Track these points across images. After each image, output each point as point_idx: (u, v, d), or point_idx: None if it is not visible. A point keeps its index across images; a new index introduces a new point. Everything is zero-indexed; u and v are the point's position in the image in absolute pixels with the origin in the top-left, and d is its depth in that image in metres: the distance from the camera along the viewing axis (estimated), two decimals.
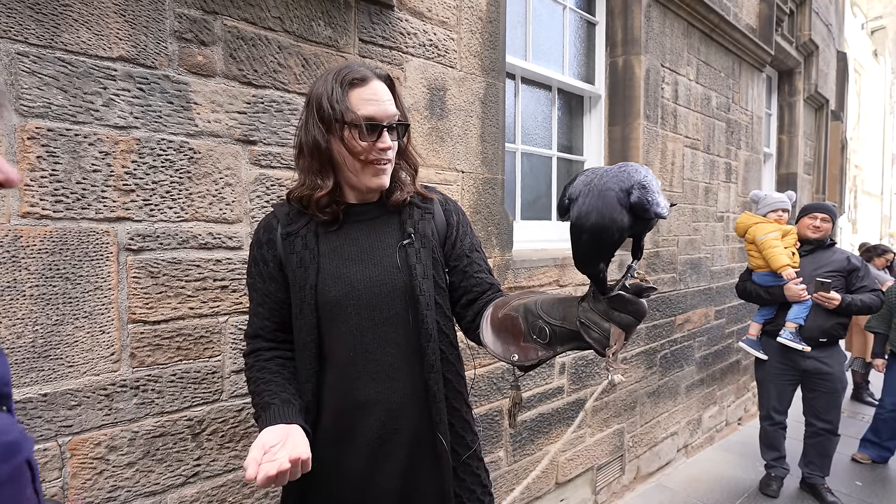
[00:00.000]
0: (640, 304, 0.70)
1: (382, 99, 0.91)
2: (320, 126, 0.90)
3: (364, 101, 0.89)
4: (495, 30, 1.92)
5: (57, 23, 1.02)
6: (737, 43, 3.46)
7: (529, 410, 2.16)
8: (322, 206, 0.94)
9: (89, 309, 1.08)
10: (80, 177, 1.06)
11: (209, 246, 1.24)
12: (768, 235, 2.59)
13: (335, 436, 0.96)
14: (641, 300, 0.70)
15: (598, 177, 0.74)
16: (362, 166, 0.92)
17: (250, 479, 0.74)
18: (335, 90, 0.89)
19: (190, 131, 1.20)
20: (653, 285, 0.71)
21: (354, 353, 0.94)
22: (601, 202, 0.69)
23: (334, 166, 0.94)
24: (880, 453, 3.23)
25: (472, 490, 1.02)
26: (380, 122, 0.90)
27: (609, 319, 0.71)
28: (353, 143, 0.90)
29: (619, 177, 0.72)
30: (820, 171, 5.21)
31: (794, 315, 2.59)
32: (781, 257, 2.55)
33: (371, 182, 0.94)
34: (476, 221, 1.88)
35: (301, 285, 0.94)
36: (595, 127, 2.78)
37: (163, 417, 1.19)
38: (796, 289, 2.55)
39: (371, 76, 0.91)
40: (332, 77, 0.90)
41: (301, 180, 0.96)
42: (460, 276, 1.03)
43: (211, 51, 1.22)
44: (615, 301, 0.71)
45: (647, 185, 0.70)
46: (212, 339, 1.25)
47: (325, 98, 0.89)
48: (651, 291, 0.70)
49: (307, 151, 0.93)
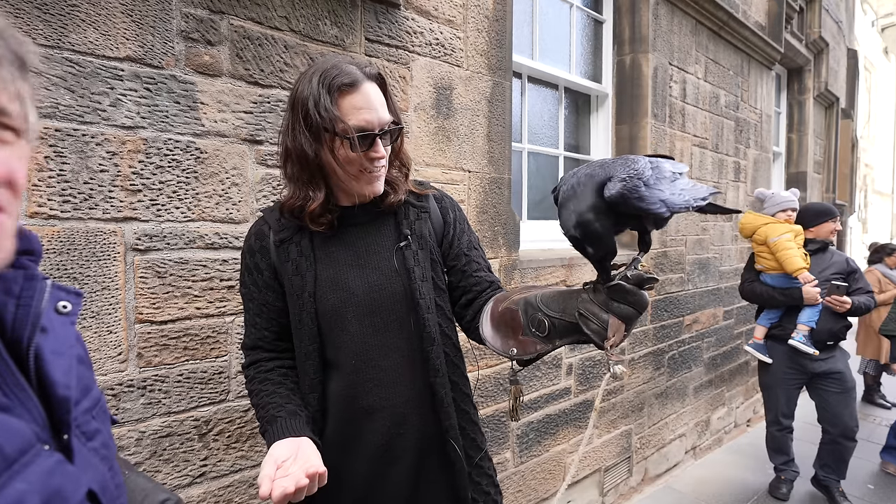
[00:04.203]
0: (641, 294, 0.69)
1: (375, 106, 0.86)
2: (307, 134, 0.84)
3: (356, 110, 0.84)
4: (502, 28, 1.91)
5: (64, 23, 1.02)
6: (745, 41, 3.42)
7: (536, 412, 2.15)
8: (316, 217, 0.90)
9: (96, 309, 1.08)
10: (87, 177, 1.06)
11: (216, 246, 1.24)
12: (782, 237, 2.53)
13: (341, 443, 0.94)
14: (642, 291, 0.69)
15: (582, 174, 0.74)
16: (355, 175, 0.88)
17: (265, 496, 0.72)
18: (322, 97, 0.82)
19: (196, 131, 1.20)
20: (655, 276, 0.69)
21: (357, 360, 0.92)
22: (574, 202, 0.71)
23: (325, 175, 0.89)
24: None
25: (487, 492, 1.00)
26: (372, 130, 0.85)
27: (608, 310, 0.70)
28: (343, 154, 0.85)
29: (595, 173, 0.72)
30: (830, 170, 5.15)
31: (808, 318, 2.54)
32: (797, 259, 2.48)
33: (364, 190, 0.90)
34: (483, 221, 1.87)
35: (298, 293, 0.92)
36: (602, 126, 2.76)
37: (170, 417, 1.18)
38: (814, 291, 2.49)
39: (361, 79, 0.85)
40: (318, 80, 0.84)
41: (291, 191, 0.91)
42: (459, 275, 1.02)
43: (217, 50, 1.22)
44: (614, 291, 0.69)
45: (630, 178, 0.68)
46: (218, 339, 1.25)
47: (312, 104, 0.83)
48: (652, 282, 0.69)
49: (295, 159, 0.87)
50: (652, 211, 0.70)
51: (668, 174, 0.74)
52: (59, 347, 0.46)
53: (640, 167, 0.72)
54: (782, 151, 4.70)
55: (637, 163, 0.73)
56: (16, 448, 0.38)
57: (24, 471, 0.37)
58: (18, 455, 0.38)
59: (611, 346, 0.71)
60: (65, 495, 0.40)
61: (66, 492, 0.40)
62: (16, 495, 0.36)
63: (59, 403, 0.45)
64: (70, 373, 0.47)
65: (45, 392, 0.44)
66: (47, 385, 0.44)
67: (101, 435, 0.50)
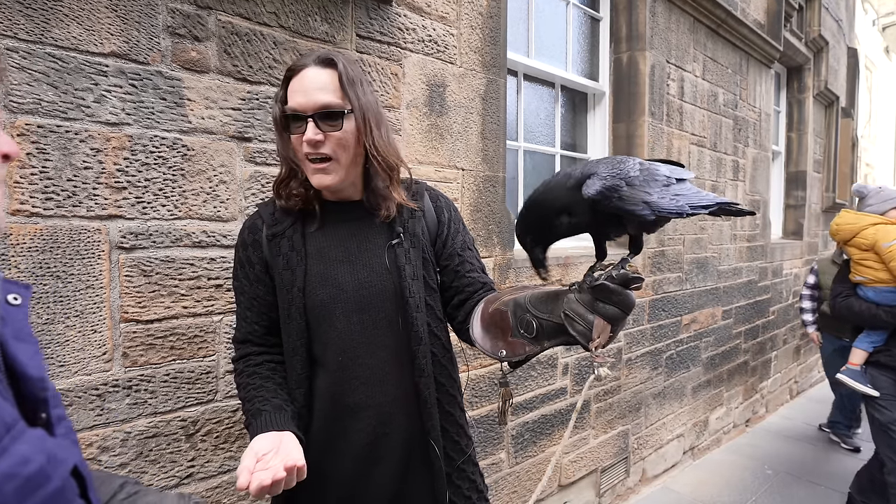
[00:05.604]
0: (626, 294, 0.67)
1: (308, 88, 0.85)
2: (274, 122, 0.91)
3: (292, 93, 0.86)
4: (496, 25, 1.89)
5: (47, 18, 1.01)
6: (744, 39, 3.40)
7: (532, 412, 2.13)
8: (285, 191, 0.93)
9: (80, 308, 1.07)
10: (70, 174, 1.05)
11: (203, 244, 1.22)
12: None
13: (326, 441, 0.94)
14: (627, 291, 0.67)
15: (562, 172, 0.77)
16: (304, 163, 0.90)
17: (242, 488, 0.71)
18: (281, 87, 0.89)
19: (183, 128, 1.18)
20: (640, 275, 0.68)
21: (344, 357, 0.92)
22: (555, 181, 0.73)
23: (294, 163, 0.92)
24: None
25: (468, 496, 0.99)
26: (302, 113, 0.85)
27: (594, 311, 0.68)
28: (287, 140, 0.89)
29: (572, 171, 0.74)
30: (830, 169, 5.13)
31: None
32: None
33: (313, 180, 0.90)
34: (477, 220, 1.85)
35: (288, 288, 0.92)
36: (599, 124, 2.74)
37: (156, 418, 1.17)
38: None
39: (307, 64, 0.86)
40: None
41: None
42: (452, 275, 1.01)
43: (205, 46, 1.20)
44: (599, 291, 0.68)
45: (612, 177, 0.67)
46: (206, 338, 1.24)
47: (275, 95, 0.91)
48: (638, 282, 0.67)
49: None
50: (634, 213, 0.68)
51: (661, 178, 0.73)
52: (19, 335, 0.47)
53: (626, 167, 0.71)
54: (782, 150, 4.68)
55: (624, 163, 0.71)
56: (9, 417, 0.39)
57: (21, 436, 0.38)
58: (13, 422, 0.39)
59: (596, 348, 0.70)
60: (60, 458, 0.41)
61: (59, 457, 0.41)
62: (21, 454, 0.37)
63: (34, 382, 0.45)
64: (36, 356, 0.47)
65: (14, 375, 0.45)
66: (17, 366, 0.45)
67: (66, 422, 0.50)
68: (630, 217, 0.70)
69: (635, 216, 0.69)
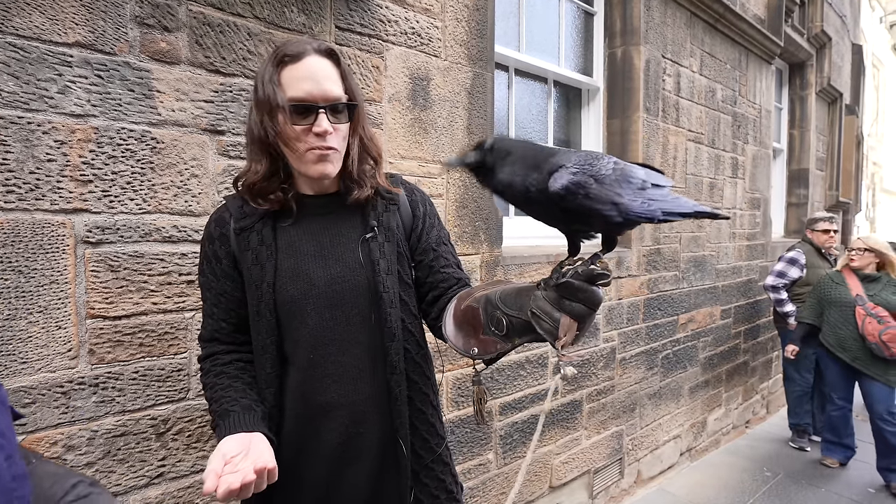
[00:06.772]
0: (592, 291, 0.64)
1: (317, 77, 0.83)
2: (256, 110, 0.84)
3: (295, 81, 0.82)
4: (483, 18, 1.86)
5: (7, 6, 0.98)
6: (743, 34, 3.35)
7: (521, 412, 2.10)
8: (261, 193, 0.87)
9: (44, 303, 1.04)
10: (33, 166, 1.02)
11: (174, 239, 1.20)
12: None
13: (299, 441, 0.91)
14: (593, 288, 0.64)
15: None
16: (303, 154, 0.85)
17: (209, 492, 0.68)
18: (269, 70, 0.82)
19: (152, 120, 1.16)
20: (607, 272, 0.64)
21: (315, 354, 0.89)
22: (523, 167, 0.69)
23: (276, 152, 0.87)
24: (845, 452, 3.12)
25: (436, 496, 0.96)
26: (313, 103, 0.83)
27: (560, 309, 0.65)
28: (286, 129, 0.82)
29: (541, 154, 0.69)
30: (833, 167, 5.05)
31: None
32: None
33: (312, 170, 0.86)
34: (463, 216, 1.82)
35: (258, 284, 0.88)
36: (593, 120, 2.70)
37: (124, 416, 1.15)
38: None
39: (307, 51, 0.83)
40: (270, 55, 0.84)
41: (245, 167, 0.90)
42: (426, 270, 0.98)
43: (175, 37, 1.18)
44: (564, 288, 0.65)
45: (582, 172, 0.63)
46: (177, 335, 1.21)
47: (261, 78, 0.83)
48: (603, 278, 0.64)
49: (248, 136, 0.88)
50: (601, 213, 0.65)
51: (637, 181, 0.68)
52: None
53: (599, 164, 0.67)
54: (783, 148, 4.62)
55: (599, 159, 0.67)
56: None
57: None
58: None
59: (562, 347, 0.67)
60: None
61: None
62: None
63: None
64: None
65: None
66: None
67: None
68: (596, 217, 0.66)
69: (601, 217, 0.66)
